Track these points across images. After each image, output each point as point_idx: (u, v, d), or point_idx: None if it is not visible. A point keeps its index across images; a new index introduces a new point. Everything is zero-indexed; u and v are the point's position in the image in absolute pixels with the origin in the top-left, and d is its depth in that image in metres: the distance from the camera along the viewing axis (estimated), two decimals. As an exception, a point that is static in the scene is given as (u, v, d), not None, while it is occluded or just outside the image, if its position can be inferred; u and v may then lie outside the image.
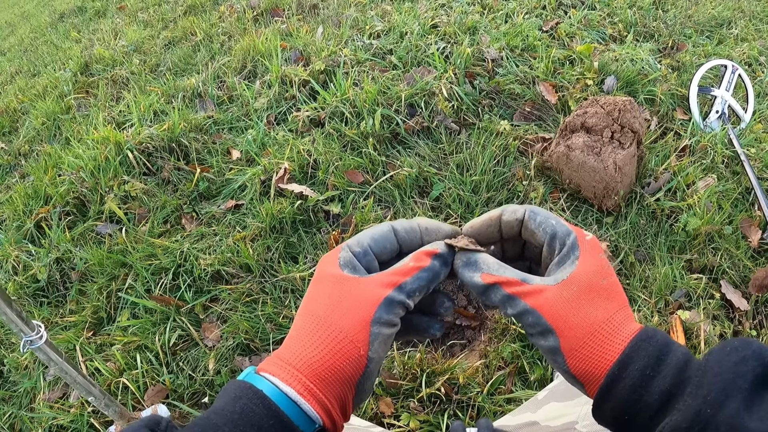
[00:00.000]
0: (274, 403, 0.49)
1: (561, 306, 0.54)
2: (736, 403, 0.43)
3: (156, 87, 2.97)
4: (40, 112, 3.14)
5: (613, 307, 0.55)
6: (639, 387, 0.49)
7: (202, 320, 1.78)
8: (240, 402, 0.49)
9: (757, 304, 1.72)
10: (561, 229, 0.59)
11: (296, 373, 0.51)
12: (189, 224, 2.09)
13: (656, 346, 0.51)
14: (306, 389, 0.51)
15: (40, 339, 1.24)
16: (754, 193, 1.98)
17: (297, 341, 0.54)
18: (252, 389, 0.50)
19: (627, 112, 1.92)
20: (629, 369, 0.50)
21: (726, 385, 0.45)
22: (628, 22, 2.96)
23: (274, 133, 2.36)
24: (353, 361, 0.53)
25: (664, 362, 0.50)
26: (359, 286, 0.56)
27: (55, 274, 2.04)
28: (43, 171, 2.49)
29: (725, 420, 0.43)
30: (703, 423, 0.44)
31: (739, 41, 2.97)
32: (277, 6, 3.56)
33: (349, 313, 0.54)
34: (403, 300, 0.55)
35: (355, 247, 0.60)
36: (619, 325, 0.54)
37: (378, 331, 0.54)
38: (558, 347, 0.54)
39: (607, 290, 0.56)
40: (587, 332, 0.53)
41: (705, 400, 0.45)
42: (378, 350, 0.54)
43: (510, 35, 2.65)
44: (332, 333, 0.53)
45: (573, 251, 0.58)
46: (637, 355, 0.51)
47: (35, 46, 4.58)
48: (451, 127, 2.23)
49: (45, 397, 1.72)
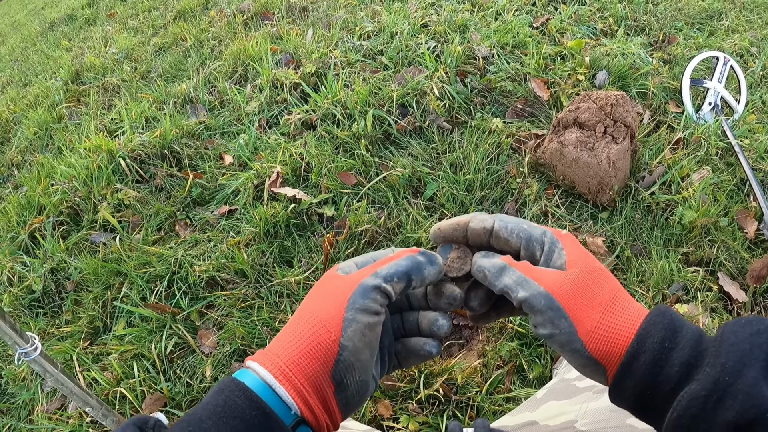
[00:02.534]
0: (255, 394, 0.49)
1: (569, 289, 0.55)
2: (754, 371, 0.44)
3: (147, 94, 2.96)
4: (31, 121, 3.13)
5: (614, 286, 0.56)
6: (659, 360, 0.50)
7: (198, 327, 1.77)
8: (222, 395, 0.49)
9: (755, 295, 1.72)
10: (535, 232, 0.60)
11: (275, 359, 0.52)
12: (183, 231, 2.08)
13: (671, 319, 0.52)
14: (281, 372, 0.51)
15: (34, 351, 1.23)
16: (749, 184, 1.97)
17: (283, 333, 0.55)
18: (234, 381, 0.50)
19: (619, 106, 1.91)
20: (648, 342, 0.51)
21: (743, 354, 0.45)
22: (619, 16, 2.96)
23: (266, 137, 2.35)
24: (324, 346, 0.52)
25: (680, 334, 0.51)
26: (342, 279, 0.57)
27: (50, 284, 2.02)
28: (36, 181, 2.48)
29: (743, 388, 0.43)
30: (722, 391, 0.44)
31: (730, 32, 2.97)
32: (267, 9, 3.55)
33: (327, 301, 0.55)
34: (378, 284, 0.54)
35: (359, 259, 0.61)
36: (625, 303, 0.55)
37: (352, 317, 0.53)
38: (574, 332, 0.54)
39: (602, 272, 0.57)
40: (600, 311, 0.54)
41: (723, 368, 0.45)
42: (353, 338, 0.53)
43: (500, 32, 2.65)
44: (309, 321, 0.54)
45: (555, 244, 0.59)
46: (655, 329, 0.51)
47: (26, 55, 4.57)
48: (443, 126, 2.22)
49: (43, 408, 1.71)
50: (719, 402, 0.44)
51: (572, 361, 0.56)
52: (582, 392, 0.91)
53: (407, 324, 0.63)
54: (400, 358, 0.63)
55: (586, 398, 0.87)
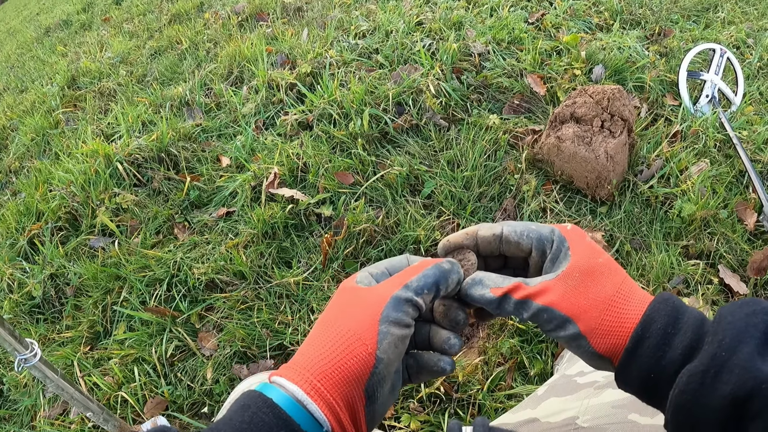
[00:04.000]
0: (283, 411, 0.48)
1: (570, 294, 0.56)
2: (749, 347, 0.46)
3: (143, 97, 2.95)
4: (28, 128, 3.13)
5: (618, 279, 0.58)
6: (663, 344, 0.52)
7: (198, 330, 1.77)
8: (249, 411, 0.48)
9: (756, 286, 1.71)
10: (543, 230, 0.62)
11: (303, 373, 0.51)
12: (181, 234, 2.07)
13: (673, 306, 0.54)
14: (312, 388, 0.50)
15: (34, 357, 1.23)
16: (748, 175, 1.97)
17: (307, 347, 0.54)
18: (261, 397, 0.49)
19: (616, 100, 1.91)
20: (652, 328, 0.53)
21: (739, 331, 0.47)
22: (614, 10, 2.96)
23: (262, 138, 2.35)
24: (360, 358, 0.52)
25: (682, 320, 0.52)
26: (370, 290, 0.57)
27: (50, 290, 2.02)
28: (34, 187, 2.48)
29: (739, 363, 0.45)
30: (718, 366, 0.46)
31: (726, 24, 2.97)
32: (262, 10, 3.55)
33: (357, 314, 0.54)
34: (410, 297, 0.55)
35: (373, 270, 0.61)
36: (629, 293, 0.57)
37: (387, 329, 0.53)
38: (579, 332, 0.55)
39: (606, 266, 0.59)
40: (602, 309, 0.56)
41: (720, 345, 0.47)
42: (387, 351, 0.53)
43: (496, 29, 2.64)
44: (340, 332, 0.53)
45: (563, 244, 0.60)
46: (658, 315, 0.53)
47: (22, 61, 4.57)
48: (440, 123, 2.22)
49: (45, 414, 1.71)
50: (716, 376, 0.46)
51: (580, 356, 0.58)
52: (583, 388, 0.90)
53: (418, 336, 0.63)
54: (411, 372, 0.62)
55: (587, 394, 0.87)
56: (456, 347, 0.61)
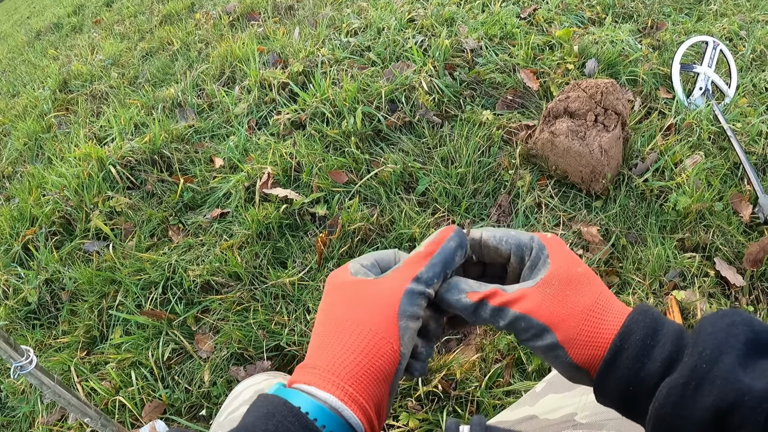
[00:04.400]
0: (310, 421, 0.47)
1: (548, 303, 0.55)
2: (730, 359, 0.45)
3: (135, 99, 2.94)
4: (21, 132, 3.11)
5: (597, 289, 0.57)
6: (641, 356, 0.51)
7: (195, 332, 1.76)
8: (273, 420, 0.46)
9: (753, 279, 1.71)
10: (523, 237, 0.61)
11: (333, 378, 0.49)
12: (176, 236, 2.07)
13: (652, 318, 0.53)
14: (346, 394, 0.49)
15: (30, 364, 1.22)
16: (743, 167, 1.97)
17: (325, 349, 0.53)
18: (286, 405, 0.48)
19: (609, 94, 1.90)
20: (630, 339, 0.52)
21: (719, 343, 0.46)
22: (606, 4, 2.95)
23: (255, 138, 2.34)
24: (388, 357, 0.52)
25: (661, 332, 0.52)
26: (377, 284, 0.56)
27: (46, 295, 2.01)
28: (27, 192, 2.46)
29: (720, 374, 0.44)
30: (699, 378, 0.45)
31: (718, 16, 2.96)
32: (253, 9, 3.54)
33: (375, 310, 0.53)
34: (423, 290, 0.55)
35: (363, 261, 0.61)
36: (607, 304, 0.56)
37: (406, 325, 0.53)
38: (557, 342, 0.54)
39: (585, 276, 0.58)
40: (580, 319, 0.54)
41: (700, 356, 0.46)
42: (408, 345, 0.53)
43: (488, 24, 2.64)
44: (362, 332, 0.52)
45: (542, 251, 0.59)
46: (637, 327, 0.52)
47: (13, 66, 4.54)
48: (433, 120, 2.21)
49: (43, 420, 1.70)
50: (697, 389, 0.45)
51: (557, 367, 0.57)
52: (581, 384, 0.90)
53: None
54: None
55: (585, 390, 0.87)
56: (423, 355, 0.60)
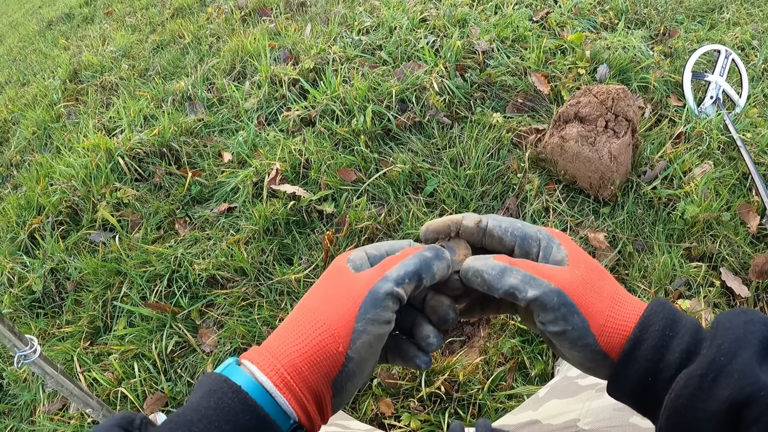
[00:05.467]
0: (250, 397, 0.48)
1: (579, 285, 0.54)
2: (748, 354, 0.46)
3: (145, 92, 2.94)
4: (30, 121, 3.12)
5: (614, 282, 0.58)
6: (661, 347, 0.51)
7: (199, 326, 1.77)
8: (215, 396, 0.47)
9: (758, 290, 1.70)
10: (530, 230, 0.60)
11: (275, 364, 0.50)
12: (182, 229, 2.07)
13: (670, 310, 0.53)
14: (282, 381, 0.49)
15: (34, 353, 1.22)
16: (752, 178, 1.96)
17: (284, 332, 0.53)
18: (227, 382, 0.48)
19: (620, 100, 1.90)
20: (650, 330, 0.52)
21: (738, 337, 0.47)
22: (619, 9, 2.94)
23: (264, 133, 2.34)
24: (330, 357, 0.51)
25: (680, 323, 0.52)
26: (352, 279, 0.55)
27: (51, 284, 2.02)
28: (35, 181, 2.47)
29: (738, 368, 0.45)
30: (717, 370, 0.46)
31: (731, 25, 2.95)
32: (265, 5, 3.54)
33: (336, 306, 0.53)
34: (390, 289, 0.52)
35: (372, 250, 0.60)
36: (626, 296, 0.56)
37: (362, 328, 0.51)
38: (587, 327, 0.53)
39: (603, 269, 0.58)
40: (608, 306, 0.54)
41: (719, 350, 0.47)
42: (360, 350, 0.52)
43: (500, 26, 2.63)
44: (316, 325, 0.52)
45: (552, 240, 0.59)
46: (656, 318, 0.52)
47: (24, 55, 4.55)
48: (443, 121, 2.21)
49: (45, 409, 1.71)
50: (715, 381, 0.45)
51: (581, 356, 0.55)
52: (584, 390, 0.90)
53: (404, 322, 0.61)
54: (388, 353, 0.61)
55: (588, 396, 0.87)
56: (433, 346, 0.59)
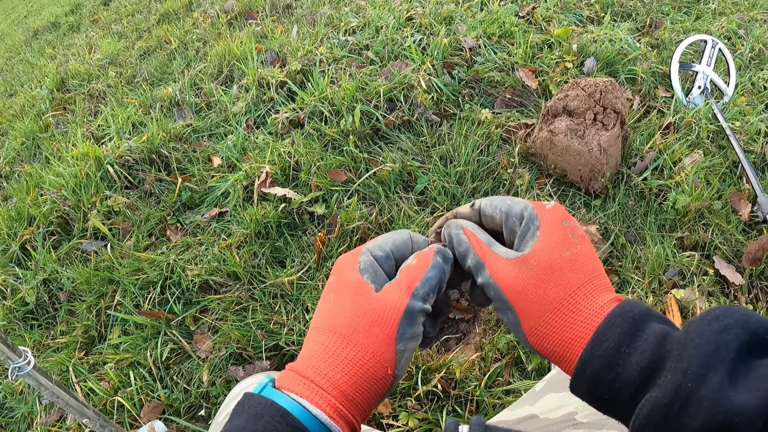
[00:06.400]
0: (298, 421, 0.48)
1: (519, 282, 0.54)
2: (718, 376, 0.41)
3: (133, 98, 2.93)
4: (18, 132, 3.10)
5: (576, 280, 0.54)
6: (615, 365, 0.47)
7: (193, 332, 1.76)
8: (262, 420, 0.47)
9: (752, 277, 1.71)
10: (516, 206, 0.59)
11: (324, 395, 0.50)
12: (174, 235, 2.06)
13: (631, 321, 0.49)
14: (336, 411, 0.50)
15: (28, 365, 1.21)
16: (742, 166, 1.97)
17: (321, 360, 0.53)
18: (274, 406, 0.48)
19: (608, 92, 1.90)
20: (603, 347, 0.48)
21: (707, 357, 0.42)
22: (605, 2, 2.95)
23: (254, 137, 2.33)
24: (380, 380, 0.53)
25: (640, 338, 0.48)
26: (379, 301, 0.55)
27: (44, 295, 2.01)
28: (25, 192, 2.45)
29: (708, 395, 0.40)
30: (684, 399, 0.41)
31: (717, 15, 2.96)
32: (251, 8, 3.53)
33: (373, 331, 0.53)
34: (421, 307, 0.55)
35: (377, 251, 0.60)
36: (584, 300, 0.53)
37: (403, 347, 0.54)
38: (518, 325, 0.54)
39: (570, 262, 0.54)
40: (546, 310, 0.52)
41: (685, 375, 0.42)
42: (404, 367, 0.54)
43: (486, 23, 2.63)
44: (358, 353, 0.53)
45: (532, 222, 0.57)
46: (612, 333, 0.49)
47: (11, 65, 4.53)
48: (431, 119, 2.21)
49: (42, 421, 1.70)
50: (682, 410, 0.41)
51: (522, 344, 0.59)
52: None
53: None
54: None
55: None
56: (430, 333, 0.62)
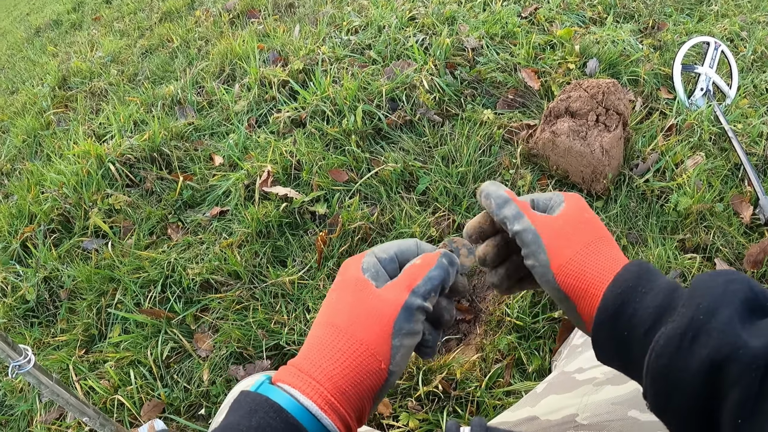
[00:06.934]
0: (291, 416, 0.48)
1: (553, 230, 0.62)
2: (728, 311, 0.45)
3: (135, 97, 2.93)
4: (20, 129, 3.10)
5: (596, 232, 0.63)
6: (633, 301, 0.53)
7: (194, 331, 1.76)
8: (256, 416, 0.48)
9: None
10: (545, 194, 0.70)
11: (317, 386, 0.51)
12: (175, 234, 2.06)
13: (647, 269, 0.56)
14: (327, 403, 0.50)
15: (28, 363, 1.21)
16: (743, 168, 1.96)
17: (317, 352, 0.54)
18: (268, 402, 0.49)
19: (611, 94, 1.90)
20: (622, 286, 0.54)
21: (717, 296, 0.46)
22: (608, 3, 2.95)
23: (255, 136, 2.33)
24: (374, 375, 0.53)
25: (654, 282, 0.54)
26: (379, 297, 0.56)
27: (44, 293, 2.00)
28: (26, 189, 2.45)
29: (718, 326, 0.44)
30: (696, 329, 0.45)
31: (719, 17, 2.96)
32: (253, 7, 3.53)
33: (370, 325, 0.54)
34: (420, 304, 0.56)
35: (381, 254, 0.62)
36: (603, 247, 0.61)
37: (399, 343, 0.54)
38: (548, 264, 0.60)
39: (588, 222, 0.64)
40: (573, 251, 0.60)
41: (698, 308, 0.46)
42: (399, 363, 0.55)
43: (489, 23, 2.63)
44: (353, 346, 0.53)
45: (558, 198, 0.68)
46: (629, 275, 0.55)
47: (12, 63, 4.53)
48: (433, 119, 2.20)
49: (42, 419, 1.69)
50: (694, 340, 0.45)
51: (548, 291, 0.62)
52: (582, 385, 0.90)
53: None
54: None
55: (586, 391, 0.87)
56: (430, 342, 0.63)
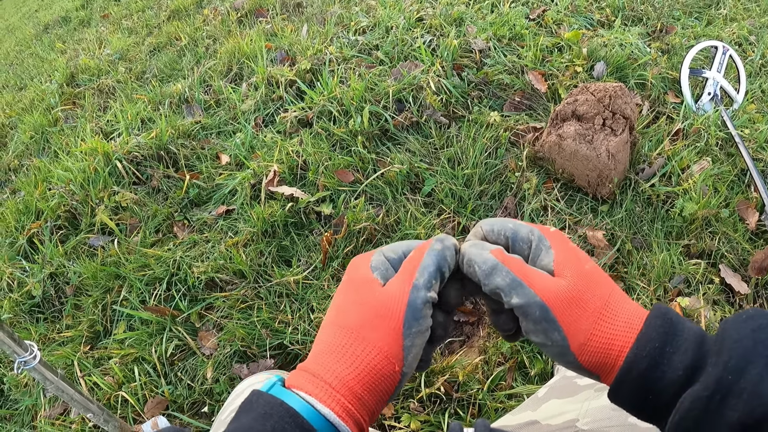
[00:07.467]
0: (308, 423, 0.48)
1: (564, 299, 0.52)
2: (758, 368, 0.42)
3: (142, 95, 2.94)
4: (27, 125, 3.12)
5: (606, 290, 0.54)
6: (661, 364, 0.48)
7: (198, 329, 1.77)
8: (271, 420, 0.47)
9: (757, 287, 1.70)
10: (522, 230, 0.58)
11: (334, 393, 0.50)
12: (181, 232, 2.07)
13: (671, 322, 0.50)
14: (345, 411, 0.50)
15: (33, 359, 1.22)
16: (750, 174, 1.96)
17: (329, 356, 0.53)
18: (283, 406, 0.48)
19: (618, 98, 1.89)
20: (647, 348, 0.49)
21: (746, 351, 0.43)
22: (616, 6, 2.94)
23: (262, 135, 2.34)
24: (389, 378, 0.52)
25: (681, 337, 0.48)
26: (384, 293, 0.55)
27: (50, 289, 2.02)
28: (33, 185, 2.47)
29: (748, 387, 0.42)
30: (725, 390, 0.43)
31: (728, 21, 2.95)
32: (261, 6, 3.54)
33: (378, 324, 0.53)
34: (425, 297, 0.54)
35: (390, 253, 0.60)
36: (619, 306, 0.53)
37: (411, 343, 0.53)
38: (567, 346, 0.52)
39: (593, 274, 0.55)
40: (589, 322, 0.52)
41: (726, 367, 0.43)
42: (411, 363, 0.54)
43: (497, 25, 2.63)
44: (366, 349, 0.52)
45: (543, 242, 0.57)
46: (655, 333, 0.49)
47: (21, 59, 4.55)
48: (440, 120, 2.21)
49: (46, 414, 1.71)
50: (723, 402, 0.42)
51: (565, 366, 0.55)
52: (583, 390, 0.90)
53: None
54: None
55: (587, 396, 0.87)
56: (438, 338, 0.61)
